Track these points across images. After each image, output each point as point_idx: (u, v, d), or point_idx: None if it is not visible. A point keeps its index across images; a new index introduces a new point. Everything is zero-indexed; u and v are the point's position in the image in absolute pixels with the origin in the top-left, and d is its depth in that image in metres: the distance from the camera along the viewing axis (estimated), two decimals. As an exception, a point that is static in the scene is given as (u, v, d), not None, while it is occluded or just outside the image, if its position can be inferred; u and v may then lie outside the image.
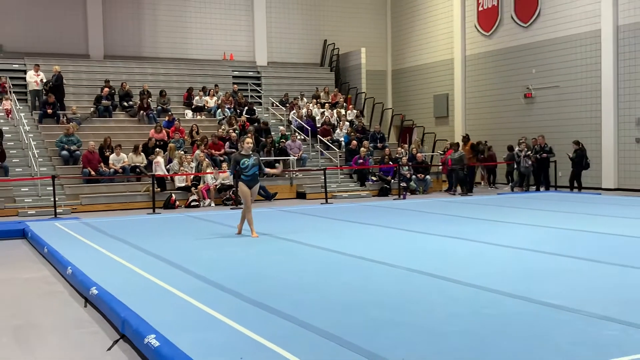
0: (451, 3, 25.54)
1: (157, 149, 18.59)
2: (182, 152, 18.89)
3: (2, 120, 19.82)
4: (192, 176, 18.11)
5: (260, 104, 25.15)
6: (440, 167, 21.78)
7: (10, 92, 20.94)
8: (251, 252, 9.61)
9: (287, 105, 24.60)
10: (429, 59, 26.89)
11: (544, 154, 20.10)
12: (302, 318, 5.63)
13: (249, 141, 11.07)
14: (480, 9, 24.34)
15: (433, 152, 23.72)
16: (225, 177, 18.21)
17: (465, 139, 20.97)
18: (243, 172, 10.73)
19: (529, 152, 20.24)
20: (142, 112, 21.58)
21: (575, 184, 19.50)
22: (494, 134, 23.64)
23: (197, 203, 17.57)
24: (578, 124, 20.79)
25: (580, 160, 19.28)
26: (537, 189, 20.33)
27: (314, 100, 24.96)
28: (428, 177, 21.23)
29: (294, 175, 20.34)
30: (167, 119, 21.01)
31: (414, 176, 20.82)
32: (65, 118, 20.05)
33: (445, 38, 25.95)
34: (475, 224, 12.23)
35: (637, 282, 6.93)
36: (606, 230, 10.79)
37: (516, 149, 20.76)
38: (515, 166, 20.81)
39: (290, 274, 7.79)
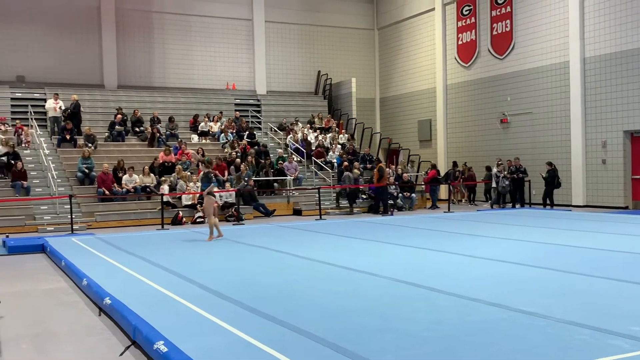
0: (433, 37, 25.74)
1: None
2: (188, 173, 18.89)
3: (24, 144, 19.75)
4: (197, 195, 18.09)
5: (260, 128, 25.20)
6: (424, 186, 21.82)
7: (32, 119, 20.96)
8: (248, 262, 9.58)
9: (285, 129, 24.67)
10: (414, 87, 27.04)
11: (520, 174, 20.17)
12: (296, 324, 5.61)
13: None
14: (460, 42, 24.52)
15: (418, 172, 23.77)
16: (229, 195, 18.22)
17: (377, 161, 21.11)
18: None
19: (506, 172, 20.32)
20: (152, 136, 21.58)
21: (548, 202, 19.54)
22: (473, 156, 23.75)
23: (203, 219, 17.52)
24: (550, 146, 20.88)
25: (553, 179, 19.35)
26: (513, 206, 20.35)
27: (309, 125, 25.04)
28: (413, 195, 21.24)
29: (291, 193, 20.34)
30: (176, 144, 21.00)
31: (400, 194, 20.84)
32: (85, 144, 19.91)
33: (428, 69, 26.12)
34: (456, 238, 12.22)
35: (602, 290, 6.93)
36: (576, 243, 10.79)
37: (494, 169, 20.82)
38: (494, 185, 20.86)
39: (285, 284, 7.73)
